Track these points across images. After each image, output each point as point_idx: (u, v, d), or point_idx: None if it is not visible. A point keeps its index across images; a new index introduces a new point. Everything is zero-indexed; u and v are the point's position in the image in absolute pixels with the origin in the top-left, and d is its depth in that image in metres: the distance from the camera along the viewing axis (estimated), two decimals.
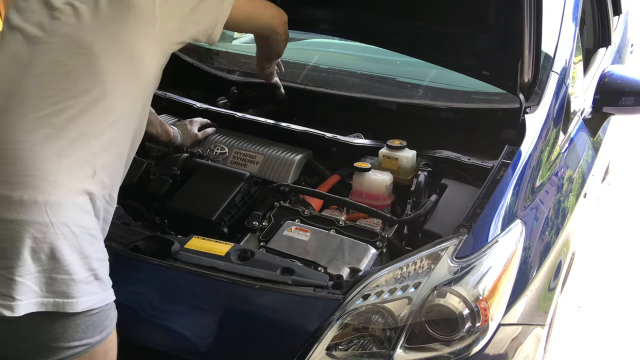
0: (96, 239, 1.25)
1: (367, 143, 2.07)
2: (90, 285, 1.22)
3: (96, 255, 1.24)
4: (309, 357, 1.37)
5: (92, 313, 1.22)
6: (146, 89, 1.37)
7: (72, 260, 1.18)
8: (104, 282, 1.26)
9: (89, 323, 1.22)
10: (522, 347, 1.54)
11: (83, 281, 1.20)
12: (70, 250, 1.18)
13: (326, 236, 1.70)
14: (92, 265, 1.22)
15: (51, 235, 1.16)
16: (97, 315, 1.24)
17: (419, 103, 2.25)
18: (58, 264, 1.17)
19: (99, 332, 1.25)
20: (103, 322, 1.26)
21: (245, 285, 1.48)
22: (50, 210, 1.17)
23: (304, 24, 2.42)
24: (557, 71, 2.01)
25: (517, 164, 1.70)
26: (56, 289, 1.17)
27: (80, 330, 1.21)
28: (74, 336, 1.21)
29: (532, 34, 1.78)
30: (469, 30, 1.98)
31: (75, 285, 1.18)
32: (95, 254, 1.24)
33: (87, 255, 1.21)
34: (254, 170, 2.00)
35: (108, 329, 1.28)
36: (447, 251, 1.47)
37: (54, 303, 1.17)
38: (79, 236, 1.20)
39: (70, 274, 1.18)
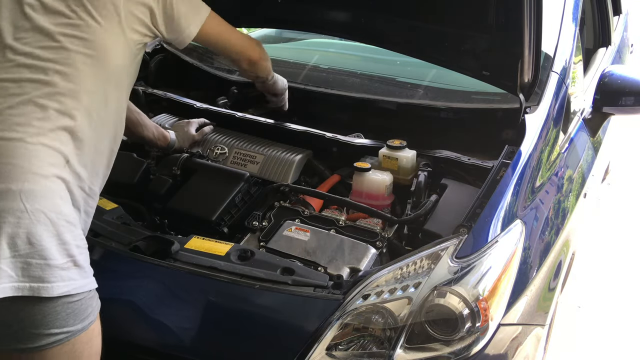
0: (74, 226, 1.27)
1: (367, 143, 2.07)
2: (68, 271, 1.23)
3: (75, 242, 1.25)
4: (309, 357, 1.37)
5: (72, 300, 1.23)
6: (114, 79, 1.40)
7: (48, 246, 1.20)
8: (84, 269, 1.27)
9: (69, 310, 1.23)
10: (522, 347, 1.54)
11: (60, 267, 1.21)
12: (47, 235, 1.20)
13: (326, 236, 1.70)
14: (70, 251, 1.24)
15: (26, 221, 1.18)
16: (77, 303, 1.25)
17: (419, 103, 2.25)
18: (34, 249, 1.18)
19: (80, 321, 1.26)
20: (84, 311, 1.27)
21: (245, 285, 1.48)
22: (24, 197, 1.19)
23: (304, 24, 2.42)
24: (557, 71, 2.01)
25: (517, 164, 1.70)
26: (32, 273, 1.18)
27: (60, 317, 1.22)
28: (54, 323, 1.22)
29: (532, 34, 1.78)
30: (469, 30, 1.98)
31: (50, 270, 1.20)
32: (74, 240, 1.25)
33: (66, 241, 1.23)
34: (254, 170, 2.00)
35: (90, 317, 1.29)
36: (447, 251, 1.47)
37: (30, 288, 1.18)
38: (56, 222, 1.22)
39: (45, 259, 1.19)
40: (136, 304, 1.55)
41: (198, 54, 2.72)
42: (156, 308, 1.54)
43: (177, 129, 2.11)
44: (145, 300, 1.55)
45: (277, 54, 2.89)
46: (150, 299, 1.56)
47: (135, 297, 1.56)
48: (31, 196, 1.20)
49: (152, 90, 2.42)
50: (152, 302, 1.55)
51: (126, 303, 1.55)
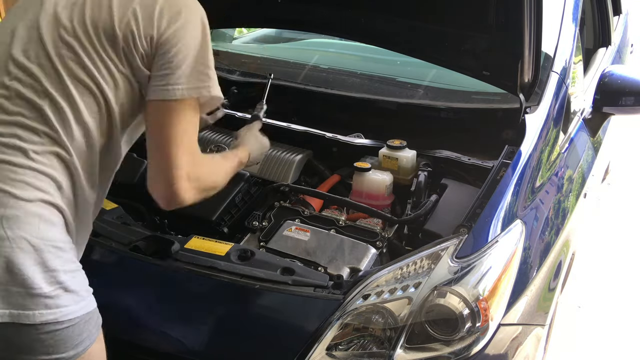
0: (63, 250, 1.20)
1: (367, 143, 2.07)
2: (57, 299, 1.17)
3: (64, 267, 1.19)
4: (309, 357, 1.37)
5: (61, 327, 1.18)
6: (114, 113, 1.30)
7: (31, 274, 1.14)
8: (77, 293, 1.21)
9: (57, 338, 1.18)
10: (522, 347, 1.54)
11: (45, 295, 1.15)
12: (30, 263, 1.14)
13: (326, 236, 1.70)
14: (59, 278, 1.17)
15: (7, 249, 1.13)
16: (67, 329, 1.19)
17: (419, 103, 2.25)
18: (14, 277, 1.13)
19: (72, 347, 1.20)
20: (77, 337, 1.21)
21: (245, 285, 1.48)
22: (6, 223, 1.14)
23: (304, 24, 2.42)
24: (557, 71, 2.01)
25: (517, 164, 1.70)
26: (12, 300, 1.13)
27: (48, 344, 1.17)
28: (41, 350, 1.17)
29: (532, 34, 1.78)
30: (469, 30, 1.98)
31: (32, 298, 1.14)
32: (63, 266, 1.19)
33: (53, 269, 1.17)
34: (254, 170, 2.00)
35: (85, 342, 1.23)
36: (447, 251, 1.47)
37: (10, 314, 1.14)
38: (42, 249, 1.16)
39: (27, 288, 1.14)
40: (136, 304, 1.55)
41: None
42: (156, 308, 1.54)
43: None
44: (145, 300, 1.55)
45: (277, 54, 2.90)
46: (150, 299, 1.56)
47: (135, 297, 1.56)
48: (14, 222, 1.14)
49: None
50: (152, 302, 1.55)
51: (126, 303, 1.55)
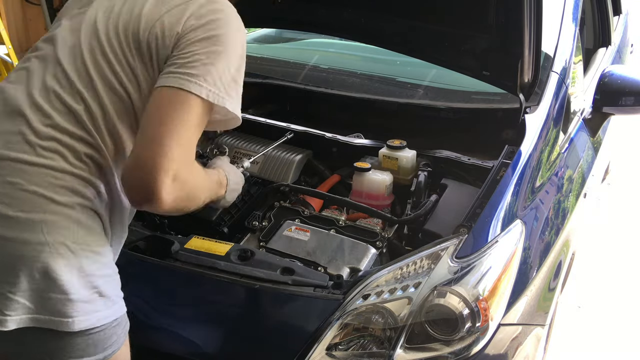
0: (99, 254, 1.20)
1: (367, 143, 2.07)
2: (92, 303, 1.18)
3: (100, 272, 1.19)
4: (309, 357, 1.37)
5: (93, 332, 1.19)
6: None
7: (69, 279, 1.14)
8: (110, 298, 1.22)
9: (89, 341, 1.19)
10: (522, 347, 1.54)
11: (82, 300, 1.16)
12: (68, 269, 1.14)
13: (326, 236, 1.70)
14: (95, 282, 1.18)
15: (45, 254, 1.12)
16: (98, 334, 1.20)
17: (419, 103, 2.25)
18: (53, 283, 1.13)
19: (102, 350, 1.21)
20: (107, 340, 1.22)
21: (245, 285, 1.48)
22: (46, 228, 1.12)
23: (304, 24, 2.42)
24: (557, 71, 2.01)
25: (517, 164, 1.70)
26: (51, 307, 1.14)
27: (80, 348, 1.18)
28: (72, 354, 1.18)
29: (532, 34, 1.78)
30: (469, 30, 1.98)
31: (71, 304, 1.14)
32: (99, 270, 1.19)
33: (89, 273, 1.17)
34: (254, 170, 2.00)
35: (113, 346, 1.24)
36: (447, 251, 1.47)
37: (49, 320, 1.14)
38: (79, 254, 1.15)
39: (66, 294, 1.14)
40: (136, 304, 1.54)
41: None
42: (156, 308, 1.54)
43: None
44: (145, 300, 1.55)
45: (277, 54, 2.90)
46: (150, 299, 1.56)
47: (135, 297, 1.56)
48: (53, 228, 1.13)
49: None
50: (152, 302, 1.55)
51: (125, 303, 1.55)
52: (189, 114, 1.13)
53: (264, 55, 2.87)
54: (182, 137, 1.11)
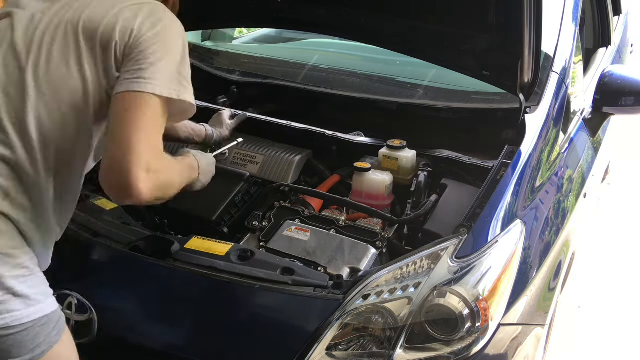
0: (11, 256, 1.21)
1: (368, 141, 2.07)
2: (7, 304, 1.19)
3: (11, 273, 1.20)
4: (309, 357, 1.37)
5: (13, 332, 1.19)
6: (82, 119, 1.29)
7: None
8: (28, 297, 1.22)
9: (9, 342, 1.19)
10: (522, 347, 1.54)
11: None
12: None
13: (326, 236, 1.70)
14: (6, 284, 1.19)
15: None
16: (20, 334, 1.20)
17: (419, 103, 2.25)
18: None
19: (28, 351, 1.22)
20: (33, 340, 1.22)
21: (245, 285, 1.48)
22: None
23: (304, 24, 2.42)
24: (557, 71, 2.01)
25: (517, 164, 1.70)
26: None
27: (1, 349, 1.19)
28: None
29: (532, 34, 1.78)
30: (469, 30, 1.98)
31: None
32: (10, 272, 1.20)
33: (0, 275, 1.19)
34: (254, 170, 2.00)
35: (43, 346, 1.24)
36: (447, 251, 1.47)
37: None
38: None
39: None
40: (136, 304, 1.55)
41: (198, 54, 2.72)
42: (156, 308, 1.54)
43: (214, 122, 2.06)
44: (145, 300, 1.55)
45: (277, 54, 2.90)
46: (150, 299, 1.56)
47: (135, 297, 1.56)
48: None
49: None
50: (152, 302, 1.55)
51: (126, 303, 1.55)
52: (148, 111, 1.22)
53: (264, 55, 2.87)
54: (147, 132, 1.20)
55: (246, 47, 3.21)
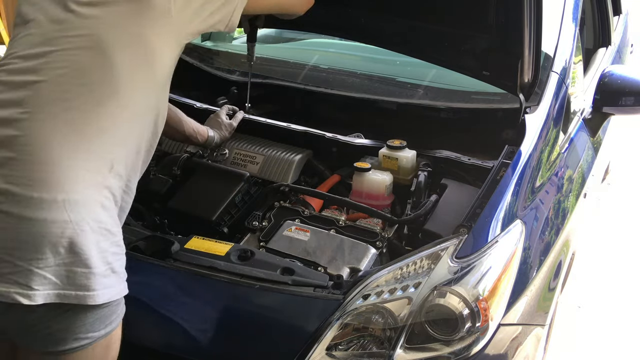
0: (111, 233, 1.26)
1: (367, 143, 2.07)
2: (109, 278, 1.24)
3: (111, 249, 1.25)
4: (309, 357, 1.37)
5: (103, 307, 1.24)
6: (161, 81, 1.36)
7: (90, 254, 1.20)
8: (120, 275, 1.28)
9: (97, 316, 1.24)
10: (522, 347, 1.54)
11: (102, 274, 1.22)
12: (89, 244, 1.20)
13: (326, 236, 1.70)
14: (108, 258, 1.24)
15: (70, 231, 1.18)
16: (105, 309, 1.25)
17: (419, 103, 2.25)
18: (77, 258, 1.19)
19: (104, 327, 1.27)
20: (110, 316, 1.28)
21: (245, 285, 1.48)
22: (69, 207, 1.18)
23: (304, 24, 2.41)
24: (557, 71, 2.01)
25: (517, 164, 1.70)
26: (77, 282, 1.19)
27: (88, 323, 1.23)
28: (81, 329, 1.23)
29: (532, 34, 1.78)
30: (469, 30, 1.98)
31: (95, 278, 1.20)
32: (111, 247, 1.25)
33: (104, 249, 1.23)
34: (254, 170, 2.00)
35: (113, 324, 1.29)
36: (447, 251, 1.47)
37: (75, 296, 1.19)
38: (96, 231, 1.22)
39: (90, 268, 1.20)
40: (136, 304, 1.54)
41: (198, 54, 2.72)
42: (156, 308, 1.54)
43: (212, 123, 2.06)
44: (145, 301, 1.55)
45: (277, 54, 2.90)
46: (150, 299, 1.56)
47: (135, 298, 1.55)
48: (75, 206, 1.19)
49: None
50: (152, 302, 1.55)
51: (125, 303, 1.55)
52: None
53: (264, 55, 2.87)
54: None
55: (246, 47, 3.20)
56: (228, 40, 3.23)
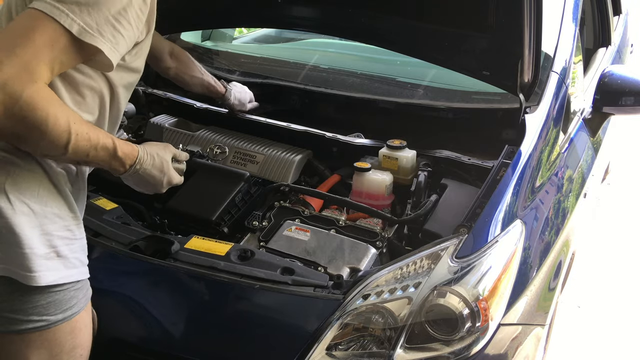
0: (60, 217, 1.28)
1: (367, 143, 2.07)
2: (51, 261, 1.25)
3: (58, 233, 1.27)
4: (309, 357, 1.37)
5: (54, 290, 1.26)
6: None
7: (31, 236, 1.22)
8: (69, 260, 1.28)
9: (49, 299, 1.26)
10: (522, 347, 1.54)
11: (43, 256, 1.23)
12: (30, 226, 1.22)
13: (326, 236, 1.70)
14: (53, 242, 1.25)
15: (9, 211, 1.20)
16: (59, 293, 1.27)
17: (419, 103, 2.25)
18: (17, 238, 1.21)
19: (62, 311, 1.28)
20: (68, 301, 1.29)
21: (245, 285, 1.48)
22: (9, 188, 1.21)
23: (304, 24, 2.42)
24: (557, 71, 2.01)
25: (517, 164, 1.70)
26: (17, 260, 1.21)
27: (40, 305, 1.25)
28: (33, 310, 1.25)
29: (532, 34, 1.78)
30: (469, 30, 1.98)
31: (35, 258, 1.22)
32: (57, 232, 1.27)
33: (48, 232, 1.25)
34: (254, 170, 2.00)
35: (74, 308, 1.31)
36: (447, 251, 1.47)
37: (16, 273, 1.21)
38: (39, 214, 1.23)
39: (30, 248, 1.21)
40: (136, 304, 1.55)
41: (198, 54, 2.72)
42: (156, 308, 1.54)
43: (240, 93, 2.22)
44: (145, 300, 1.55)
45: (277, 54, 2.90)
46: (150, 299, 1.56)
47: (135, 297, 1.56)
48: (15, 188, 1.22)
49: (152, 90, 2.42)
50: (152, 302, 1.55)
51: (126, 303, 1.55)
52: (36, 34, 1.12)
53: (264, 55, 2.87)
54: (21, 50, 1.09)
55: (246, 47, 3.20)
56: (228, 40, 3.23)
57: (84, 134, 1.21)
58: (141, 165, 1.38)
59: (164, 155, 1.46)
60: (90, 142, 1.23)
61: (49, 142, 1.16)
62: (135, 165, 1.36)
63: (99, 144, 1.25)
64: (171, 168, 1.49)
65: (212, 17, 2.53)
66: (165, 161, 1.46)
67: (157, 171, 1.44)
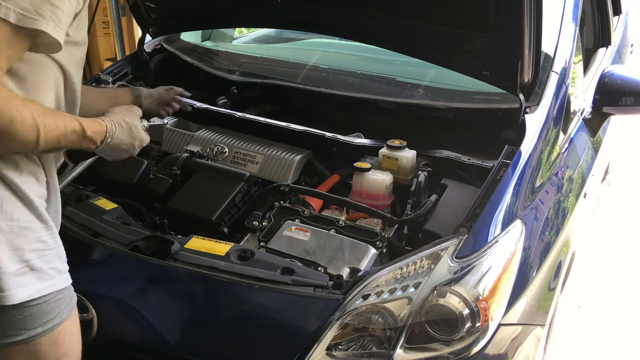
0: (29, 230, 1.22)
1: (367, 143, 2.07)
2: (24, 276, 1.20)
3: (29, 246, 1.22)
4: (309, 357, 1.37)
5: (30, 305, 1.22)
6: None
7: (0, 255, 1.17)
8: (44, 272, 1.24)
9: (26, 314, 1.22)
10: (522, 347, 1.54)
11: (14, 273, 1.19)
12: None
13: (326, 236, 1.70)
14: (24, 257, 1.21)
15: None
16: (37, 307, 1.23)
17: (418, 103, 2.25)
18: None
19: (42, 324, 1.25)
20: (48, 314, 1.25)
21: (245, 285, 1.48)
22: None
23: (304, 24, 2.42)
24: (557, 71, 2.01)
25: (517, 164, 1.70)
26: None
27: (17, 320, 1.22)
28: (11, 325, 1.22)
29: (532, 34, 1.78)
30: (469, 30, 1.97)
31: (5, 277, 1.17)
32: (29, 245, 1.22)
33: (18, 247, 1.20)
34: (254, 170, 2.00)
35: (55, 320, 1.27)
36: (447, 251, 1.47)
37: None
38: (5, 230, 1.18)
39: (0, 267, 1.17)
40: (136, 304, 1.55)
41: (198, 54, 2.72)
42: (156, 308, 1.54)
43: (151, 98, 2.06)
44: (145, 300, 1.55)
45: (277, 54, 2.90)
46: (150, 299, 1.56)
47: (135, 297, 1.56)
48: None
49: None
50: (152, 302, 1.55)
51: (126, 303, 1.55)
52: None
53: (264, 55, 2.87)
54: None
55: (246, 47, 3.20)
56: (228, 40, 3.23)
57: (51, 124, 1.18)
58: (112, 138, 1.37)
59: (131, 121, 1.44)
60: (59, 130, 1.20)
61: (19, 142, 1.13)
62: (106, 139, 1.35)
63: (67, 130, 1.23)
64: (141, 130, 1.47)
65: (212, 17, 2.53)
66: (134, 125, 1.45)
67: (129, 137, 1.43)
